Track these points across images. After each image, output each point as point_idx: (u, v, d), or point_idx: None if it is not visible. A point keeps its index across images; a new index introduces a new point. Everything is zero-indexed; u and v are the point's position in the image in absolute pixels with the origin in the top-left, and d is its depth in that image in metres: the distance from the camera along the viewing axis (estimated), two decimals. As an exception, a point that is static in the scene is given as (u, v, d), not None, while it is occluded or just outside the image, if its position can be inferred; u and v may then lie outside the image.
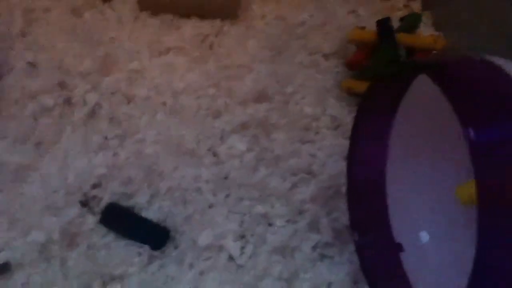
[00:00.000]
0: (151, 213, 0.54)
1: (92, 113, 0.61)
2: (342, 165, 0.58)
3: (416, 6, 0.80)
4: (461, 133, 0.34)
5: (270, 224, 0.55)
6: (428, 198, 0.53)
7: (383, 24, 0.64)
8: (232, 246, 0.52)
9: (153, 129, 0.60)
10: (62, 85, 0.62)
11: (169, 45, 0.67)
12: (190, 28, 0.70)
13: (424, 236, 0.52)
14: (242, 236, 0.54)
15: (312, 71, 0.69)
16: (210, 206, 0.56)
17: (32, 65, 0.64)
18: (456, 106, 0.35)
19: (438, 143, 0.52)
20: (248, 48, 0.70)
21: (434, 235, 0.53)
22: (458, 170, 0.49)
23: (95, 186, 0.55)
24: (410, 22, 0.66)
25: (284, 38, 0.72)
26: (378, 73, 0.61)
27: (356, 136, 0.54)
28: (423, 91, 0.50)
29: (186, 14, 0.71)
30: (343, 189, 0.55)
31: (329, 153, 0.61)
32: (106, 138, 0.59)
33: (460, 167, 0.48)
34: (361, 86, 0.64)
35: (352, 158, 0.55)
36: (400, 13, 0.76)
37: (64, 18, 0.69)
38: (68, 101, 0.61)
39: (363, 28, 0.67)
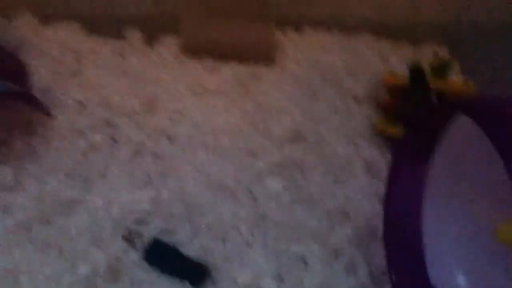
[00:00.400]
0: (191, 249, 0.56)
1: (137, 151, 0.64)
2: (377, 207, 0.60)
3: (444, 53, 0.82)
4: (504, 170, 0.35)
5: (306, 265, 0.56)
6: (465, 238, 0.54)
7: (415, 69, 0.66)
8: (270, 287, 0.53)
9: (194, 167, 0.63)
10: (109, 123, 0.66)
11: (209, 86, 0.71)
12: (229, 71, 0.74)
13: (462, 280, 0.53)
14: (279, 277, 0.55)
15: (345, 113, 0.72)
16: (248, 245, 0.57)
17: (81, 103, 0.68)
18: (497, 144, 0.37)
19: (475, 182, 0.53)
20: (283, 90, 0.73)
21: (471, 275, 0.53)
22: (495, 210, 0.50)
23: (138, 221, 0.57)
24: (441, 68, 0.69)
25: (318, 82, 0.75)
26: (410, 115, 0.63)
27: (394, 178, 0.56)
28: (458, 132, 0.52)
29: (225, 58, 0.75)
30: (379, 231, 0.56)
31: (364, 194, 0.62)
32: (149, 175, 0.61)
33: (498, 207, 0.49)
34: (394, 128, 0.66)
35: (388, 199, 0.56)
36: (428, 60, 0.79)
37: (111, 60, 0.74)
38: (114, 139, 0.65)
39: (394, 73, 0.70)
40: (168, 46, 0.77)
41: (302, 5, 0.82)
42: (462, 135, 0.51)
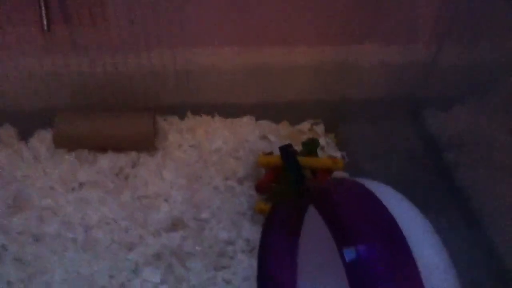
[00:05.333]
0: None
1: (-3, 257, 0.59)
2: None
3: (320, 129, 0.88)
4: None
5: None
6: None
7: (285, 150, 0.70)
8: None
9: (62, 267, 0.59)
10: (-34, 229, 0.61)
11: (83, 179, 0.69)
12: (106, 161, 0.72)
13: None
14: None
15: (228, 195, 0.73)
16: None
17: None
18: (330, 228, 0.39)
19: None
20: (165, 176, 0.73)
21: None
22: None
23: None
24: (310, 146, 0.73)
25: (200, 165, 0.76)
26: (284, 194, 0.65)
27: (264, 255, 0.56)
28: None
29: (102, 148, 0.74)
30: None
31: (245, 277, 0.62)
32: (10, 282, 0.56)
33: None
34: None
35: (261, 277, 0.56)
36: (306, 136, 0.84)
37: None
38: (-29, 246, 0.59)
39: (270, 153, 0.74)
40: (43, 141, 0.74)
41: (184, 95, 0.85)
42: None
